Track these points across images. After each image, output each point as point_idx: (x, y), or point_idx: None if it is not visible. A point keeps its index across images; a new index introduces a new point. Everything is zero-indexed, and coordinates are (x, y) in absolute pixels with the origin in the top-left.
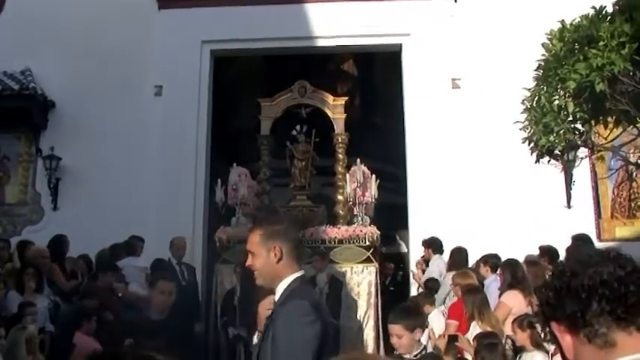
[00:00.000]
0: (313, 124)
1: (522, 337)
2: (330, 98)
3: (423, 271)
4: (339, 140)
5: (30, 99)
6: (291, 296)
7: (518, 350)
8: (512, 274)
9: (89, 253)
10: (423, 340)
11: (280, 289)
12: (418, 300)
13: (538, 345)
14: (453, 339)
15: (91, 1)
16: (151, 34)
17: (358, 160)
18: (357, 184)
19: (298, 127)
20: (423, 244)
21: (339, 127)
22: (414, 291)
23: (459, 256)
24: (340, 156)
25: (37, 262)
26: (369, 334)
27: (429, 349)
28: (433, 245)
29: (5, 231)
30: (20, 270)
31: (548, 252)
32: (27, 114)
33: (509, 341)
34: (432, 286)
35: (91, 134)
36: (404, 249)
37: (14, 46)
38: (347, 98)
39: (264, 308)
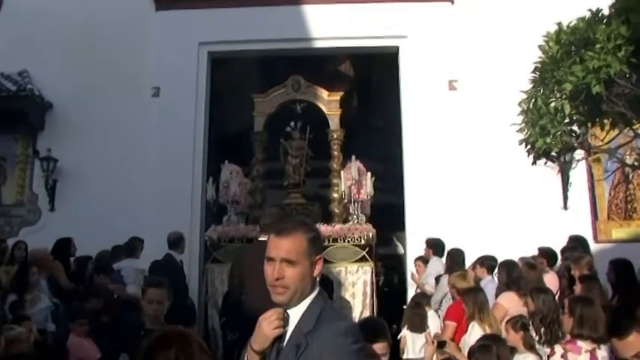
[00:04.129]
0: (308, 122)
1: (515, 339)
2: (324, 93)
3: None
4: (334, 137)
5: (27, 100)
6: (329, 316)
7: (510, 352)
8: (508, 274)
9: (86, 254)
10: (421, 343)
11: (302, 306)
12: (418, 300)
13: (531, 347)
14: (441, 345)
15: (89, 3)
16: (149, 35)
17: (353, 157)
18: (352, 180)
19: (292, 124)
20: (425, 243)
21: (333, 123)
22: (411, 292)
23: (456, 257)
24: (335, 153)
25: (39, 263)
26: None
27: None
28: (435, 246)
29: (2, 232)
30: (19, 270)
31: (546, 254)
32: (24, 115)
33: None
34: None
35: (88, 135)
36: (401, 250)
37: (11, 48)
38: (342, 93)
39: (271, 326)
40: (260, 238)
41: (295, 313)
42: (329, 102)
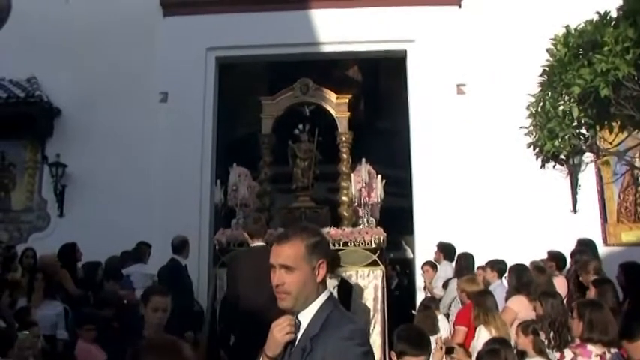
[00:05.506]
0: (316, 125)
1: (524, 342)
2: (333, 96)
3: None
4: (343, 139)
5: (36, 106)
6: (335, 320)
7: (520, 355)
8: (518, 278)
9: (95, 260)
10: (431, 345)
11: (311, 311)
12: (428, 303)
13: (540, 351)
14: (449, 350)
15: (97, 9)
16: (156, 41)
17: (364, 160)
18: (363, 183)
19: (301, 126)
20: (437, 246)
21: (342, 125)
22: (420, 296)
23: (465, 262)
24: (344, 156)
25: (49, 270)
26: (375, 341)
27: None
28: (446, 250)
29: (11, 237)
30: (30, 277)
31: (555, 257)
32: (33, 121)
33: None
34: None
35: (96, 141)
36: (410, 254)
37: (20, 54)
38: (350, 96)
39: (282, 332)
40: (252, 244)
41: (304, 318)
42: (337, 104)
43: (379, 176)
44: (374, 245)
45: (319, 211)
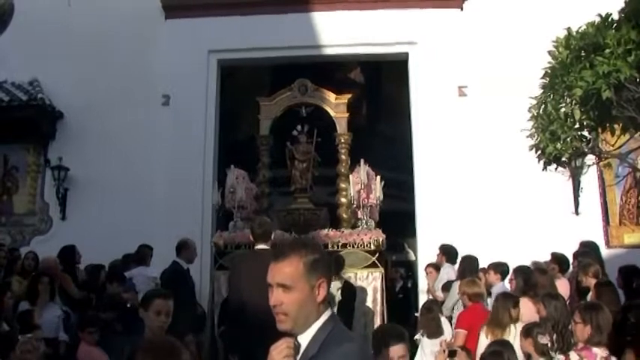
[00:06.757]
0: (315, 128)
1: (526, 344)
2: (332, 97)
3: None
4: (342, 140)
5: (38, 109)
6: (334, 340)
7: (527, 358)
8: (525, 280)
9: (98, 263)
10: (437, 347)
11: (311, 333)
12: (430, 306)
13: (543, 354)
14: (452, 354)
15: (99, 12)
16: (158, 44)
17: (362, 161)
18: (361, 185)
19: (299, 127)
20: (439, 249)
21: (341, 126)
22: (423, 299)
23: (469, 264)
24: (343, 157)
25: (51, 272)
26: None
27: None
28: (448, 253)
29: (14, 241)
30: (32, 279)
31: (558, 260)
32: (35, 124)
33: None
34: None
35: (99, 144)
36: (412, 257)
37: (22, 58)
38: (349, 96)
39: (281, 354)
40: (257, 247)
41: (304, 341)
42: (336, 105)
43: (378, 177)
44: (373, 247)
45: (318, 212)
